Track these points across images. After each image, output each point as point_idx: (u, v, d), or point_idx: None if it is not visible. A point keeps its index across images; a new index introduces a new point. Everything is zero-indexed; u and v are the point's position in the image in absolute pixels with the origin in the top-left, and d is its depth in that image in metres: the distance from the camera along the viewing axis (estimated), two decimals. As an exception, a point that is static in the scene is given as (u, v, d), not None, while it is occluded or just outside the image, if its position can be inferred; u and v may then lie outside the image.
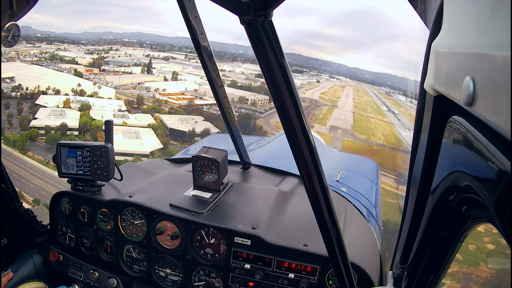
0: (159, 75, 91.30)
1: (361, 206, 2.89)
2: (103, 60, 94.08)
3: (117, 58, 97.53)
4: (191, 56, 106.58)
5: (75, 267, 2.53)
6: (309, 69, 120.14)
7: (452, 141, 0.83)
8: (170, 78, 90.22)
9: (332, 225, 1.31)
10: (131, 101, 74.22)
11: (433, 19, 0.92)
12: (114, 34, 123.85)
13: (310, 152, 1.12)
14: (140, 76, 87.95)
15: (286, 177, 2.95)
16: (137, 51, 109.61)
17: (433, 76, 0.87)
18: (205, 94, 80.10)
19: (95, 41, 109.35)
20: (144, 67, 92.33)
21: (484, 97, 0.56)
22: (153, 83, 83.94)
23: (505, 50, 0.47)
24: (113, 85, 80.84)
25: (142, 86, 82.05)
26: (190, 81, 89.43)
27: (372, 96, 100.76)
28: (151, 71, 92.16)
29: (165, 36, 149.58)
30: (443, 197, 0.94)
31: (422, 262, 1.21)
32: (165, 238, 2.24)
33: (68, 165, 2.43)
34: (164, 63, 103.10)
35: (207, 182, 2.42)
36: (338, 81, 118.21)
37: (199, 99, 78.44)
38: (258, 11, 0.88)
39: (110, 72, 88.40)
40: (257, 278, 2.04)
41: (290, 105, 1.03)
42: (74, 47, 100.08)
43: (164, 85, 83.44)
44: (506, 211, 0.54)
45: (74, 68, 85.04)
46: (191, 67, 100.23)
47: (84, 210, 2.46)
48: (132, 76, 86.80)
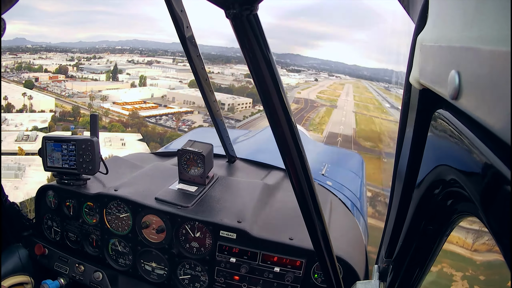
0: (128, 81, 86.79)
1: (347, 199, 2.90)
2: (78, 67, 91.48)
3: (93, 66, 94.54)
4: (179, 60, 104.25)
5: (61, 261, 2.50)
6: (308, 68, 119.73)
7: (437, 135, 0.83)
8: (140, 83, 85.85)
9: (317, 219, 1.30)
10: (67, 112, 65.27)
11: (419, 12, 0.92)
12: (109, 43, 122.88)
13: (295, 145, 1.12)
14: (102, 84, 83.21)
15: (271, 171, 2.95)
16: (123, 57, 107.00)
17: (419, 69, 0.86)
18: (173, 101, 75.62)
19: (88, 50, 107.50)
20: (109, 73, 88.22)
21: (470, 91, 0.56)
22: (111, 91, 78.15)
23: (491, 44, 0.47)
24: (68, 93, 75.74)
25: (100, 94, 75.69)
26: (164, 85, 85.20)
27: (373, 92, 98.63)
28: (117, 77, 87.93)
29: (162, 42, 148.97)
30: (429, 191, 0.93)
31: (407, 256, 1.20)
32: (151, 231, 2.22)
33: (53, 159, 2.40)
34: (143, 67, 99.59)
35: (192, 175, 2.41)
36: (337, 79, 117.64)
37: (162, 107, 72.72)
38: (244, 5, 0.87)
39: (77, 79, 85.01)
40: (242, 271, 2.04)
41: (276, 98, 1.03)
42: (56, 55, 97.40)
43: (123, 92, 77.61)
44: (491, 205, 0.54)
45: (36, 76, 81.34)
46: (174, 70, 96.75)
47: (70, 203, 2.43)
48: (94, 83, 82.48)
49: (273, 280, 2.01)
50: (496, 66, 0.45)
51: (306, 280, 1.97)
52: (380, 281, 1.53)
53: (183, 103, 75.56)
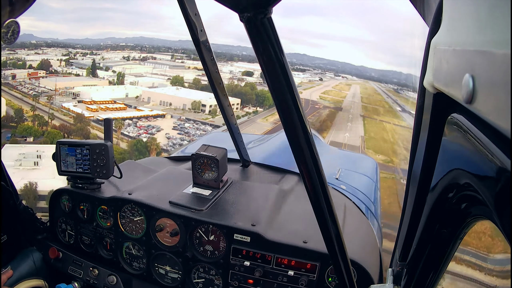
0: (109, 78, 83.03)
1: (361, 203, 2.90)
2: (68, 61, 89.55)
3: (84, 61, 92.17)
4: (177, 56, 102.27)
5: (75, 265, 2.53)
6: (313, 68, 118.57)
7: (451, 138, 0.83)
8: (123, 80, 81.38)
9: (331, 223, 1.30)
10: (10, 117, 55.77)
11: (433, 16, 0.92)
12: (115, 40, 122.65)
13: (309, 150, 1.11)
14: (79, 80, 79.16)
15: (285, 175, 2.95)
16: (122, 53, 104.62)
17: (433, 73, 0.86)
18: (148, 101, 69.99)
19: (91, 46, 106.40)
20: (89, 69, 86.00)
21: (484, 95, 0.56)
22: (84, 88, 73.19)
23: (505, 47, 0.47)
24: (40, 91, 70.92)
25: (71, 92, 71.16)
26: (147, 83, 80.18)
27: (382, 94, 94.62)
28: (96, 73, 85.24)
29: (168, 40, 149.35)
30: (443, 194, 0.93)
31: (421, 259, 1.20)
32: (165, 235, 2.23)
33: (67, 163, 2.44)
34: (130, 64, 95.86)
35: (206, 179, 2.42)
36: (344, 79, 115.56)
37: (132, 109, 66.52)
38: (258, 8, 0.87)
39: (60, 74, 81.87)
40: (256, 275, 2.04)
41: (290, 103, 1.03)
42: (56, 51, 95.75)
43: (95, 90, 73.34)
44: (506, 208, 0.54)
45: (13, 73, 78.81)
46: (168, 66, 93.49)
47: (84, 207, 2.46)
48: (75, 79, 78.66)
49: (287, 283, 2.00)
50: (509, 69, 0.45)
51: (320, 284, 1.97)
52: (394, 285, 1.52)
53: (159, 104, 70.76)
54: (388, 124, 64.87)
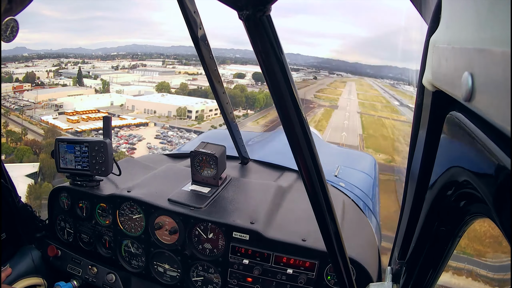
0: (95, 86, 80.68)
1: (360, 201, 2.90)
2: (57, 72, 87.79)
3: (73, 71, 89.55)
4: (169, 62, 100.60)
5: (74, 263, 2.53)
6: (307, 67, 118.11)
7: (450, 136, 0.83)
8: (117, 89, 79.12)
9: (330, 220, 1.30)
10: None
11: (432, 13, 0.92)
12: (107, 50, 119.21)
13: (308, 147, 1.11)
14: (65, 90, 75.84)
15: (284, 172, 2.95)
16: (111, 63, 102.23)
17: (432, 71, 0.86)
18: (133, 109, 67.30)
19: (84, 56, 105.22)
20: (75, 79, 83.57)
21: (483, 93, 0.56)
22: (68, 98, 68.25)
23: (504, 45, 0.47)
24: (22, 104, 66.59)
25: (55, 103, 65.66)
26: (133, 91, 77.88)
27: (378, 89, 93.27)
28: (82, 82, 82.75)
29: (161, 46, 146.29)
30: (442, 192, 0.93)
31: (420, 257, 1.20)
32: (164, 233, 2.24)
33: (66, 160, 2.43)
34: (118, 73, 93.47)
35: (205, 177, 2.42)
36: (338, 76, 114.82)
37: (116, 117, 59.75)
38: (257, 6, 0.87)
39: (46, 85, 78.36)
40: (255, 273, 2.04)
41: (289, 100, 1.03)
42: (47, 62, 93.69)
43: (80, 100, 68.71)
44: (505, 206, 0.54)
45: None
46: (157, 73, 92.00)
47: (83, 205, 2.45)
48: (62, 89, 75.51)
49: (286, 282, 2.01)
50: (509, 68, 0.45)
51: (319, 282, 1.97)
52: (393, 283, 1.53)
53: (143, 112, 67.92)
54: (387, 119, 63.42)
